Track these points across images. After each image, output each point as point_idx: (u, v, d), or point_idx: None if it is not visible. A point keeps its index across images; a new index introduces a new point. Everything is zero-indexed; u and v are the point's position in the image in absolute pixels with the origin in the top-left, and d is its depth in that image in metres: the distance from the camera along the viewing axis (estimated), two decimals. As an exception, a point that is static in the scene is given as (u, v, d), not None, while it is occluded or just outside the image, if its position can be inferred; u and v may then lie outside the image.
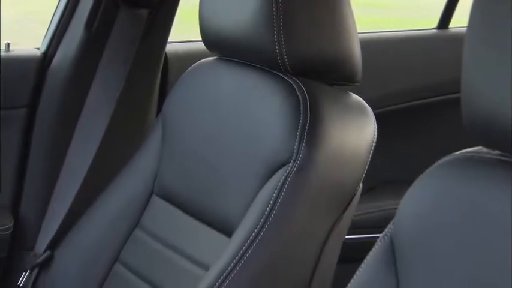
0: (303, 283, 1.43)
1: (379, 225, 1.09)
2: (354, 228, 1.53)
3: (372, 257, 1.05)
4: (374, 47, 2.09)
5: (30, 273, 1.74)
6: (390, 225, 1.03)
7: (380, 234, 1.04)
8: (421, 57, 2.29)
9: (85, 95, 1.84)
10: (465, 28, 0.96)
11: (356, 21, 1.49)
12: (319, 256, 1.42)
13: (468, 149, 1.00)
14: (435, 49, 2.32)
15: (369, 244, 1.06)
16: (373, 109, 1.49)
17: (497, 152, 0.96)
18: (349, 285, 1.06)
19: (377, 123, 1.48)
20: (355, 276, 1.06)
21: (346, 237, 1.48)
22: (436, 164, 1.01)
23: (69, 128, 1.84)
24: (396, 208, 1.03)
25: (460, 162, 0.99)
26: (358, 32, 1.50)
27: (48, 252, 1.73)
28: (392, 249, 1.01)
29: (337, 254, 1.47)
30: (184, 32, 2.29)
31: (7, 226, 1.80)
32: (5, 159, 1.84)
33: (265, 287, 1.39)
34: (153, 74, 1.89)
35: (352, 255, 1.29)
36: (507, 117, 0.89)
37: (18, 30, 5.57)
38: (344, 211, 1.44)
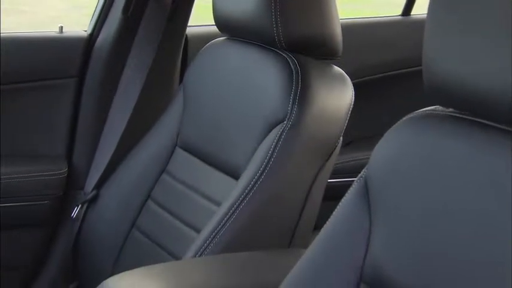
0: (294, 217, 1.43)
1: (355, 171, 1.08)
2: (335, 174, 1.53)
3: (349, 195, 1.04)
4: (352, 30, 2.07)
5: (81, 207, 1.74)
6: (364, 170, 1.02)
7: (355, 178, 1.04)
8: (389, 38, 2.28)
9: (122, 68, 1.83)
10: (423, 16, 0.95)
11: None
12: (307, 195, 1.42)
13: (427, 108, 0.99)
14: (400, 32, 2.31)
15: (346, 186, 1.06)
16: (350, 79, 1.48)
17: (450, 109, 0.96)
18: (331, 217, 1.05)
19: (354, 91, 1.47)
20: (335, 211, 1.05)
21: (329, 180, 1.48)
22: (401, 120, 1.01)
23: (110, 93, 1.84)
24: (369, 157, 1.02)
25: (420, 118, 0.98)
26: (340, 18, 1.49)
27: (95, 191, 1.74)
28: (365, 189, 1.01)
29: (321, 194, 1.47)
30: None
31: (63, 171, 1.79)
32: (59, 118, 1.84)
33: (264, 220, 1.39)
34: (175, 51, 1.88)
35: (334, 194, 1.29)
36: (458, 80, 0.88)
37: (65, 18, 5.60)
38: (327, 159, 1.43)
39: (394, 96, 2.22)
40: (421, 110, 1.00)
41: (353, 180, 1.04)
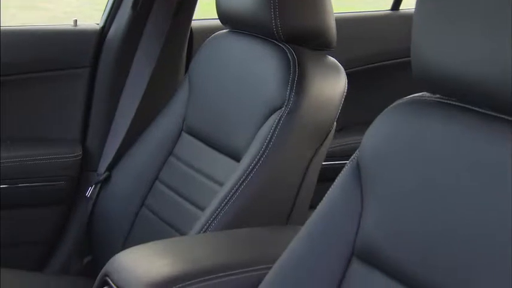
0: (292, 196, 1.43)
1: (347, 154, 1.08)
2: (329, 157, 1.52)
3: (342, 176, 1.03)
4: (345, 23, 2.05)
5: (95, 188, 1.74)
6: (356, 152, 1.02)
7: (348, 161, 1.03)
8: (379, 31, 2.26)
9: (132, 58, 1.82)
10: (411, 10, 0.95)
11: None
12: (304, 176, 1.42)
13: (415, 94, 0.98)
14: (389, 25, 2.29)
15: (340, 168, 1.05)
16: (344, 69, 1.47)
17: (437, 95, 0.95)
18: (325, 196, 1.05)
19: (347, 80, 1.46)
20: (329, 190, 1.05)
21: (323, 163, 1.47)
22: (390, 106, 1.00)
23: (121, 82, 1.82)
24: (360, 141, 1.01)
25: (408, 104, 0.97)
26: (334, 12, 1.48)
27: (107, 173, 1.73)
28: (358, 170, 1.00)
29: (316, 175, 1.46)
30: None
31: (78, 154, 1.79)
32: (74, 105, 1.83)
33: (264, 199, 1.38)
34: (181, 43, 1.87)
35: (328, 176, 1.28)
36: (444, 68, 0.87)
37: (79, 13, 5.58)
38: (322, 143, 1.42)
39: (383, 86, 2.20)
40: (409, 96, 0.99)
41: (346, 163, 1.04)
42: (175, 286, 1.06)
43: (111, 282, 1.12)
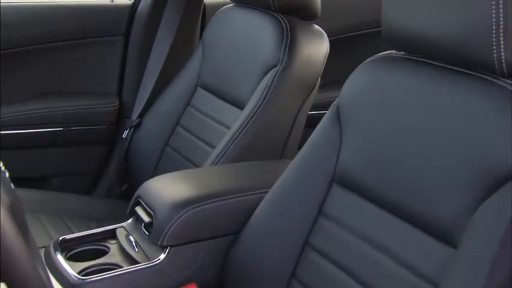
0: (284, 137, 1.40)
1: (329, 105, 1.04)
2: (314, 108, 1.48)
3: (324, 119, 1.01)
4: None
5: (129, 131, 1.71)
6: (337, 100, 0.98)
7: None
8: (355, 4, 2.14)
9: (157, 28, 1.76)
10: None
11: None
12: (294, 121, 1.39)
13: (384, 52, 0.94)
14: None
15: (322, 117, 1.02)
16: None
17: (402, 52, 0.91)
18: (311, 136, 1.02)
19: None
20: (314, 132, 1.02)
21: (309, 112, 1.44)
22: (364, 62, 0.96)
23: (148, 47, 1.77)
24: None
25: (379, 59, 0.94)
26: None
27: (138, 119, 1.70)
28: (337, 114, 0.97)
29: (304, 121, 1.43)
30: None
31: (115, 104, 1.75)
32: (112, 65, 1.78)
33: (262, 139, 1.35)
34: (196, 15, 1.80)
35: (313, 123, 1.24)
36: (408, 29, 0.83)
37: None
38: (309, 95, 1.39)
39: (358, 51, 2.11)
40: (380, 53, 0.95)
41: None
42: (192, 205, 1.05)
43: (142, 202, 1.10)
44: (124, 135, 1.71)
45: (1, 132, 1.60)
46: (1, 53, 1.62)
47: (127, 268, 0.99)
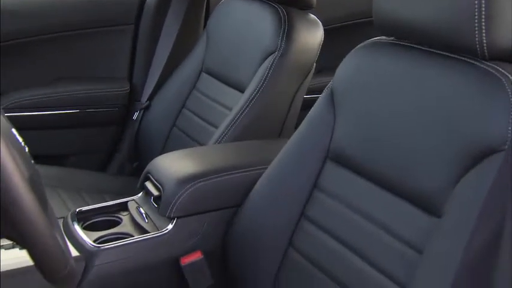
0: (282, 118, 1.38)
1: (323, 89, 1.02)
2: (309, 92, 1.46)
3: (319, 101, 0.99)
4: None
5: (139, 113, 1.69)
6: (331, 83, 0.96)
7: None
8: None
9: (165, 17, 1.73)
10: None
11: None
12: (291, 104, 1.37)
13: (374, 38, 0.92)
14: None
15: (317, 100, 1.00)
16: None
17: (391, 38, 0.89)
18: (306, 117, 1.01)
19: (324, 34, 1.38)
20: (309, 113, 1.01)
21: (305, 96, 1.42)
22: (356, 47, 0.94)
23: (157, 35, 1.74)
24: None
25: (370, 45, 0.92)
26: None
27: (148, 102, 1.68)
28: (331, 95, 0.95)
29: (300, 104, 1.41)
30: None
31: (126, 88, 1.73)
32: (123, 52, 1.76)
33: (262, 119, 1.33)
34: (201, 5, 1.76)
35: (308, 106, 1.23)
36: (398, 16, 0.81)
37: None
38: (304, 79, 1.37)
39: (351, 39, 2.07)
40: (370, 39, 0.93)
41: None
42: (197, 180, 1.04)
43: (151, 178, 1.10)
44: (134, 117, 1.69)
45: (22, 113, 1.59)
46: (22, 41, 1.60)
47: (138, 237, 1.00)
